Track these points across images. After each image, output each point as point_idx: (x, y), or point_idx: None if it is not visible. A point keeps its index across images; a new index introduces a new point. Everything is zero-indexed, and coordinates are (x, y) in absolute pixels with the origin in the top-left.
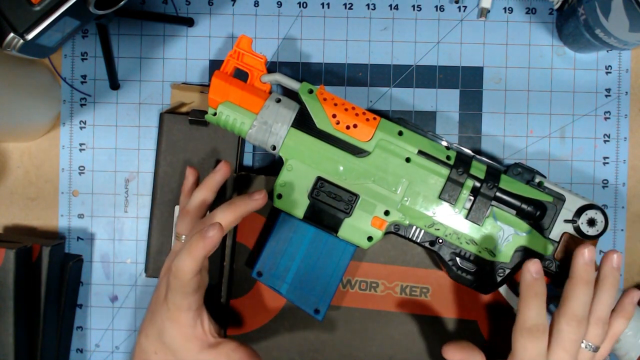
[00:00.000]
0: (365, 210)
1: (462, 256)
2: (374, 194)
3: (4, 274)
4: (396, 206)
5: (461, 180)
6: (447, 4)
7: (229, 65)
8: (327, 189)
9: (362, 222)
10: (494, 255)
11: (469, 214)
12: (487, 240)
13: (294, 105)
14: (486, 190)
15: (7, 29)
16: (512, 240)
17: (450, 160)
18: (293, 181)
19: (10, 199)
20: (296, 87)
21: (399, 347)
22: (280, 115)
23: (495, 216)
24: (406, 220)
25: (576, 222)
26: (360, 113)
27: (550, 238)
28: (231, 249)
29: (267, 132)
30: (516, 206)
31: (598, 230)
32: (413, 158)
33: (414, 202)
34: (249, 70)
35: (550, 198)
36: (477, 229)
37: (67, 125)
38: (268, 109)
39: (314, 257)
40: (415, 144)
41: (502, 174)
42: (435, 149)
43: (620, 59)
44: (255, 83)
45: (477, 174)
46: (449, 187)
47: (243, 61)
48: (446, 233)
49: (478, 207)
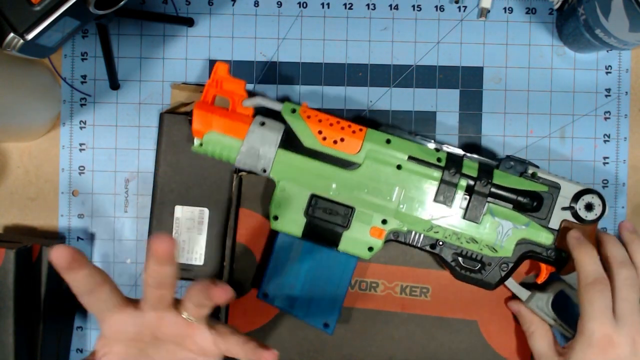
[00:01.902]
0: (363, 222)
1: (464, 256)
2: (369, 205)
3: (4, 274)
4: (393, 214)
5: (454, 181)
6: (447, 4)
7: (209, 95)
8: (322, 205)
9: (361, 234)
10: (495, 251)
11: (466, 213)
12: (487, 237)
13: (278, 126)
14: (480, 187)
15: (7, 29)
16: (512, 234)
17: (441, 162)
18: (287, 201)
19: (10, 199)
20: (278, 108)
21: (399, 347)
22: (266, 138)
23: (492, 212)
24: (404, 226)
25: (574, 209)
26: (345, 126)
27: (549, 227)
28: (231, 249)
29: (255, 157)
30: (512, 200)
31: (597, 214)
32: (404, 165)
33: (410, 208)
34: (230, 96)
35: (545, 188)
36: (476, 227)
37: (67, 125)
38: (253, 134)
39: (318, 272)
40: (404, 151)
41: (495, 168)
42: (425, 152)
43: (620, 59)
44: (237, 108)
45: (469, 173)
46: (442, 189)
47: (223, 88)
48: (445, 235)
49: (474, 206)
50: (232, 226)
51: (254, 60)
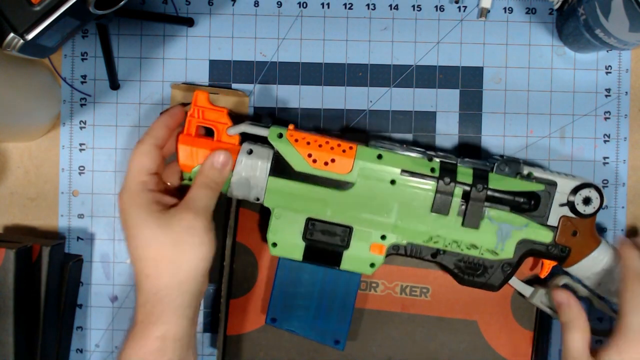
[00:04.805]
0: (362, 240)
1: (466, 262)
2: (366, 223)
3: (4, 274)
4: (391, 229)
5: (450, 190)
6: (447, 4)
7: (191, 126)
8: (319, 227)
9: (361, 252)
10: (496, 254)
11: (464, 220)
12: (488, 242)
13: (267, 152)
14: (476, 194)
15: (7, 29)
16: (512, 236)
17: (435, 172)
18: (284, 228)
19: (10, 199)
20: (265, 133)
21: (399, 347)
22: (256, 167)
23: (490, 217)
24: (404, 240)
25: (572, 204)
26: (335, 146)
27: (548, 225)
28: (231, 249)
29: (246, 187)
30: (509, 202)
31: (595, 207)
32: (397, 179)
33: (408, 221)
34: (214, 126)
35: (541, 186)
36: (476, 233)
37: (67, 125)
38: (242, 164)
39: (323, 291)
40: (396, 165)
41: (490, 171)
42: (417, 164)
43: (620, 59)
44: (222, 137)
45: (464, 180)
46: (439, 199)
47: (205, 118)
48: (446, 243)
49: (472, 212)
50: (232, 226)
51: (254, 60)
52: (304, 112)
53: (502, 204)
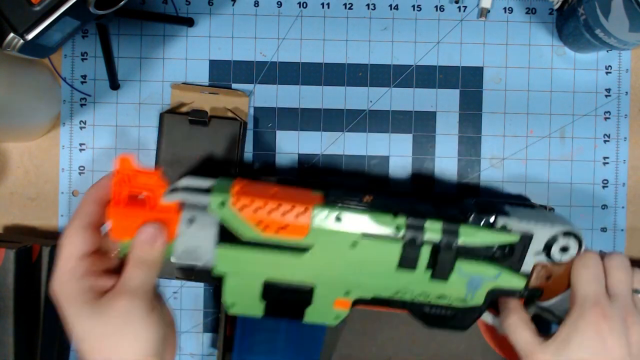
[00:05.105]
0: (325, 296)
1: (434, 310)
2: (328, 282)
3: (4, 274)
4: (355, 286)
5: (417, 247)
6: (447, 4)
7: (121, 195)
8: (278, 288)
9: (324, 307)
10: (465, 301)
11: (433, 274)
12: (457, 292)
13: (210, 220)
14: (445, 249)
15: (7, 29)
16: (482, 286)
17: (400, 229)
18: (240, 292)
19: (10, 199)
20: (205, 202)
21: (399, 347)
22: (200, 239)
23: (460, 269)
24: (369, 295)
25: (548, 252)
26: (288, 209)
27: (521, 272)
28: None
29: (193, 257)
30: (481, 252)
31: (572, 255)
32: (359, 242)
33: (372, 279)
34: (147, 189)
35: (516, 238)
36: (444, 285)
37: (67, 125)
38: (184, 236)
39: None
40: (358, 227)
41: (462, 223)
42: (381, 222)
43: (620, 59)
44: (158, 204)
45: (432, 237)
46: (405, 257)
47: (135, 184)
48: (413, 295)
49: (441, 266)
50: None
51: (254, 60)
52: (304, 112)
53: (473, 255)
